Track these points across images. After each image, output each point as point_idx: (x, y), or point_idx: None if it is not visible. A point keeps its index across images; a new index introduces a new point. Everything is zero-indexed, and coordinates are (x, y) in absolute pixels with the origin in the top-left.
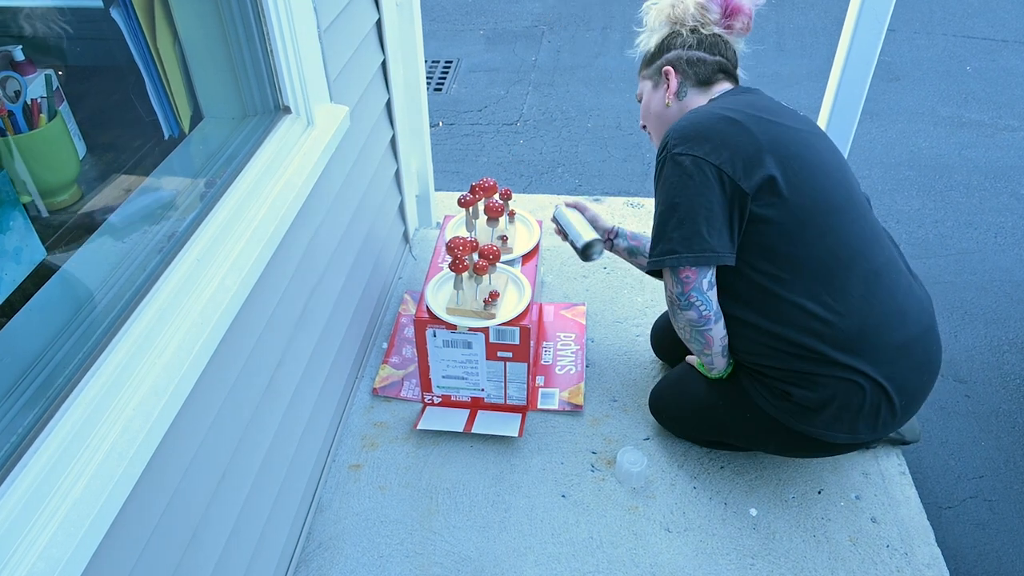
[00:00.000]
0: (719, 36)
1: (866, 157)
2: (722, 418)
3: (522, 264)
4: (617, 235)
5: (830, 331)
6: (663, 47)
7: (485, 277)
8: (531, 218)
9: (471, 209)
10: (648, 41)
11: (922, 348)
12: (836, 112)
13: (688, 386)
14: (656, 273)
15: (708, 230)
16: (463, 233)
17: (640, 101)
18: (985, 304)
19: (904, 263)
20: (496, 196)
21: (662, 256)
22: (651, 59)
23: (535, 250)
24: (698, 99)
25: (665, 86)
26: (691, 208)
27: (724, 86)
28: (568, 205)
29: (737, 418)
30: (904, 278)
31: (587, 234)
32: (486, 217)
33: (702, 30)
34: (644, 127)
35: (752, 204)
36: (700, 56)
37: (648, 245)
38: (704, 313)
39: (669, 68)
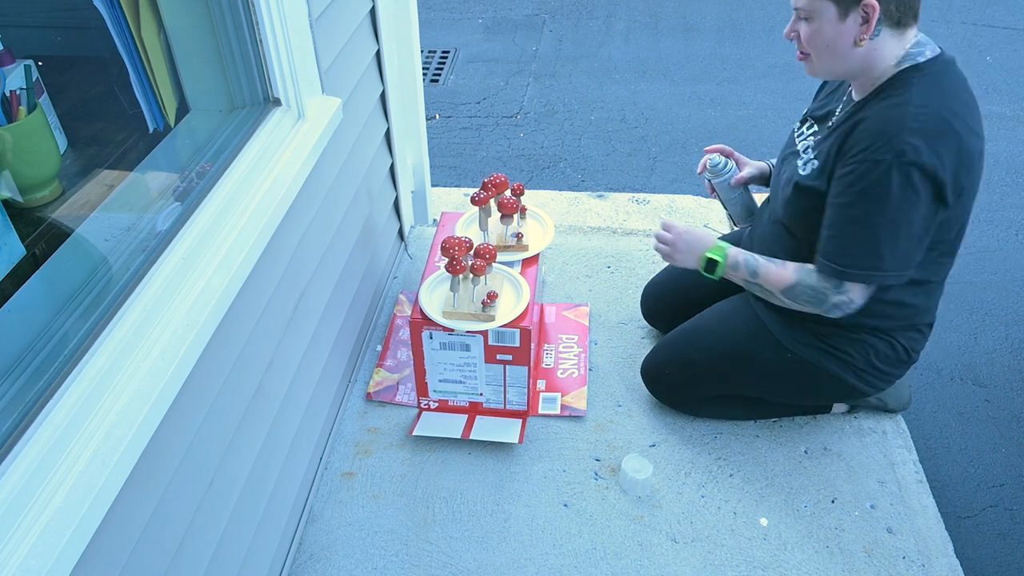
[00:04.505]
0: None
1: None
2: (743, 359)
3: (523, 263)
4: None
5: (909, 312)
6: None
7: (482, 278)
8: (543, 214)
9: (484, 207)
10: None
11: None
12: None
13: (710, 335)
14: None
15: (917, 249)
16: (471, 232)
17: (804, 18)
18: (1006, 305)
19: None
20: (508, 192)
21: (866, 271)
22: None
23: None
24: (891, 44)
25: (861, 21)
26: (910, 227)
27: (913, 30)
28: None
29: (759, 366)
30: None
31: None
32: (500, 214)
33: None
34: (805, 55)
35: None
36: None
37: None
38: (851, 311)
39: (873, 2)
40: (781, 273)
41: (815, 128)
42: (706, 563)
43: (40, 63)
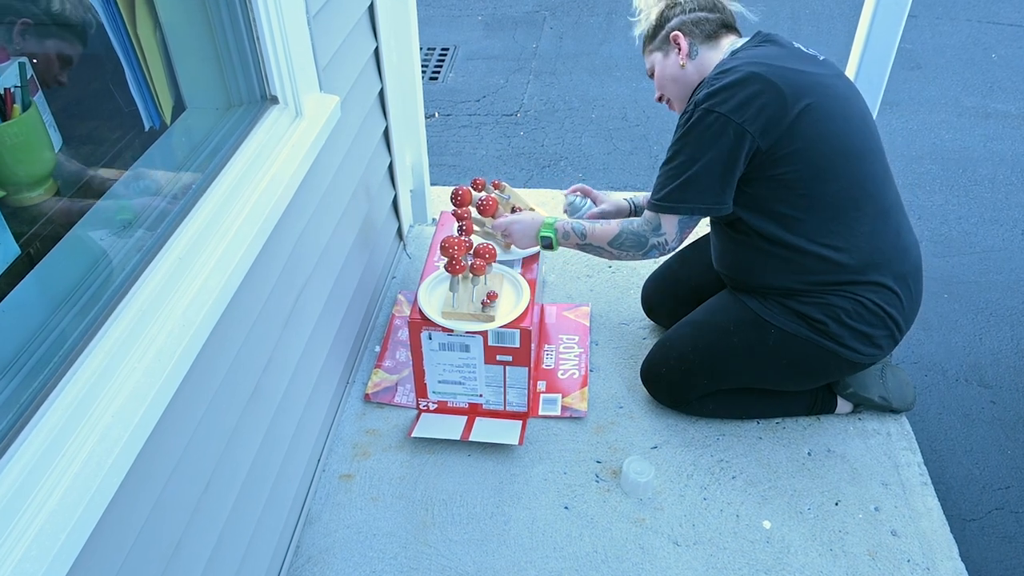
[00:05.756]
0: None
1: (886, 149)
2: (733, 346)
3: (523, 263)
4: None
5: (834, 267)
6: (663, 19)
7: (482, 277)
8: (539, 210)
9: (461, 224)
10: (647, 19)
11: (915, 283)
12: None
13: (701, 329)
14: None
15: (720, 185)
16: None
17: (652, 76)
18: (1011, 305)
19: (902, 204)
20: (483, 192)
21: (676, 203)
22: (654, 33)
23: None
24: (711, 54)
25: (676, 50)
26: (709, 165)
27: (733, 39)
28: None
29: (749, 349)
30: (906, 218)
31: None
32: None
33: None
34: (661, 98)
35: (769, 156)
36: (702, 16)
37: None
38: (668, 252)
39: (676, 32)
40: (607, 228)
41: None
42: (708, 566)
43: (35, 60)
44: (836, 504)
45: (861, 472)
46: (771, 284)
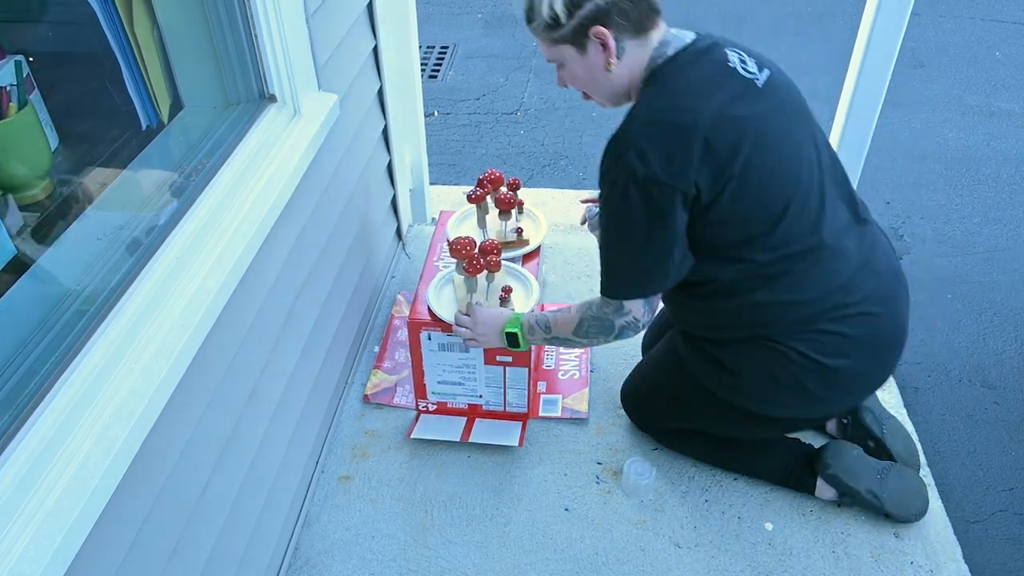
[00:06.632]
0: None
1: (889, 149)
2: (667, 389)
3: (523, 263)
4: None
5: (759, 316)
6: (573, 4)
7: (496, 274)
8: (536, 211)
9: (481, 204)
10: None
11: (865, 326)
12: (857, 101)
13: (648, 366)
14: None
15: (680, 254)
16: (469, 230)
17: (558, 68)
18: (1016, 305)
19: (860, 227)
20: (504, 187)
21: (636, 291)
22: (559, 21)
23: (536, 248)
24: (639, 52)
25: (600, 48)
26: (658, 240)
27: (660, 30)
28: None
29: (675, 388)
30: (858, 249)
31: None
32: (497, 211)
33: None
34: (586, 95)
35: (702, 218)
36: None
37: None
38: (642, 329)
39: (599, 28)
40: (567, 317)
41: None
42: (710, 568)
43: (31, 59)
44: (838, 506)
45: None
46: (696, 330)
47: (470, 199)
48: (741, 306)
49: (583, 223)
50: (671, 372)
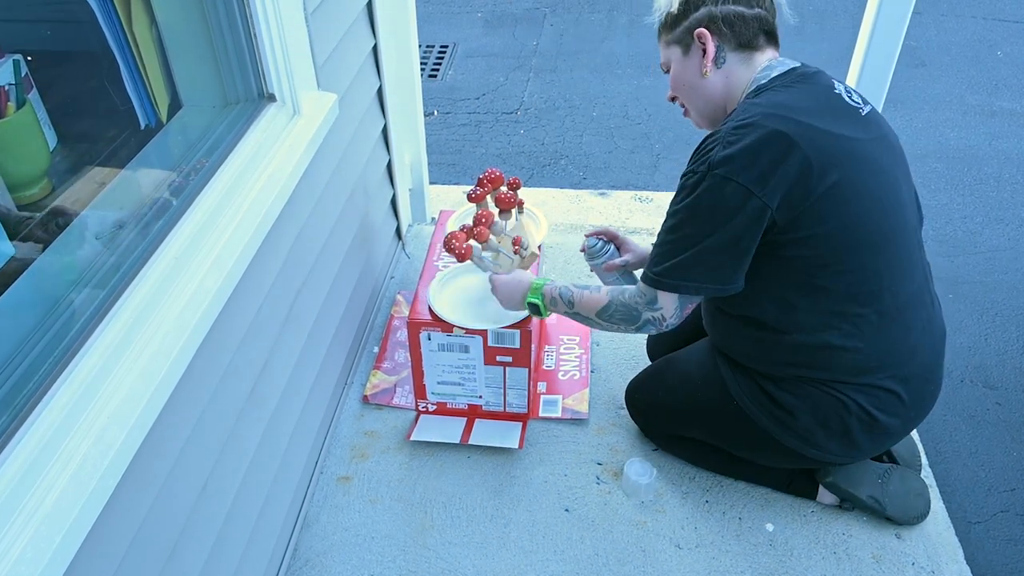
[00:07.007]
0: None
1: None
2: (694, 400)
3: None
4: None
5: (823, 362)
6: (690, 5)
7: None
8: (536, 211)
9: (481, 204)
10: (670, 1)
11: (920, 385)
12: None
13: (674, 371)
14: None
15: (732, 264)
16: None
17: (667, 71)
18: (1017, 305)
19: (930, 290)
20: (504, 187)
21: (678, 281)
22: (676, 20)
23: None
24: (741, 69)
25: (700, 51)
26: (723, 241)
27: (770, 55)
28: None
29: (710, 411)
30: (925, 311)
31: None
32: (498, 210)
33: None
34: (674, 99)
35: (781, 233)
36: (737, 11)
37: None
38: (666, 329)
39: (703, 30)
40: (596, 297)
41: None
42: (711, 569)
43: (29, 58)
44: (840, 506)
45: None
46: (750, 362)
47: (470, 198)
48: (809, 345)
49: (582, 250)
50: (709, 389)
